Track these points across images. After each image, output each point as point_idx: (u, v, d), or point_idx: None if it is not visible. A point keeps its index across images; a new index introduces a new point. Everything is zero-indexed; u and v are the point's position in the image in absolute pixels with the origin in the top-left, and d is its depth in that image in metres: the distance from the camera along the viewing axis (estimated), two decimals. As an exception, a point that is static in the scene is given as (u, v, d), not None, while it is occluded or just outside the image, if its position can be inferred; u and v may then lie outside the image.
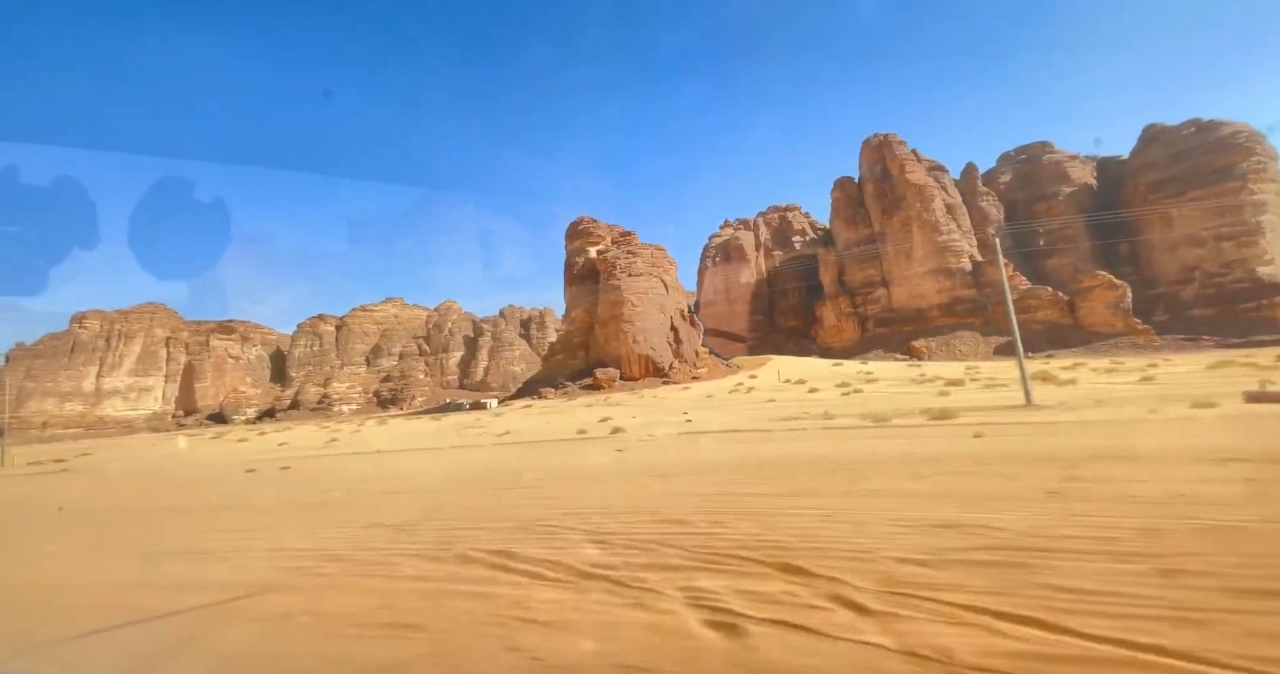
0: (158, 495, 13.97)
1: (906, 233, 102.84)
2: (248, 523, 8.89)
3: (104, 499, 14.24)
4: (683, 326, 76.96)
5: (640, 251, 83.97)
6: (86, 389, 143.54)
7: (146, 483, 16.46)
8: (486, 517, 7.70)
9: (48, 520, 11.25)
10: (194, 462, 23.60)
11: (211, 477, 17.16)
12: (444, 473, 13.67)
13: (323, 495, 11.45)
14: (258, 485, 14.11)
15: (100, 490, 16.00)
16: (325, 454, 21.62)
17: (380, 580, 5.02)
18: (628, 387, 68.20)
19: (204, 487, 14.76)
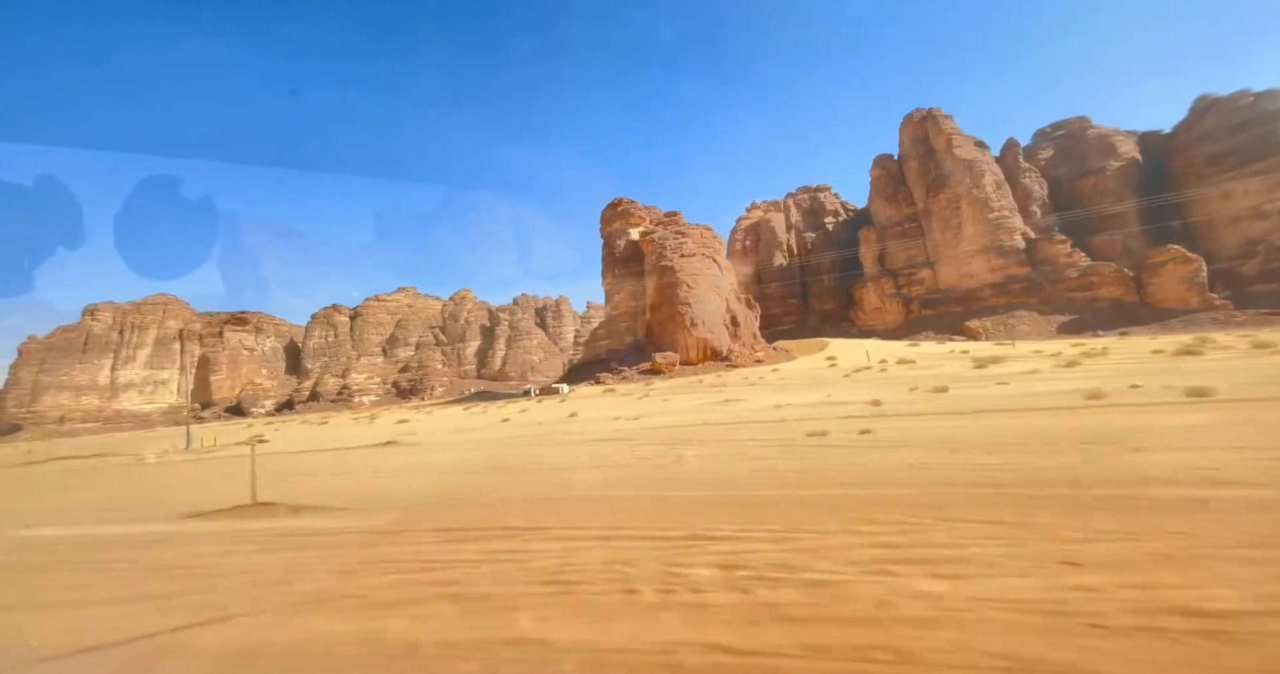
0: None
1: (954, 210, 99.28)
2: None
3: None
4: (739, 309, 73.71)
5: (689, 232, 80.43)
6: (101, 383, 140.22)
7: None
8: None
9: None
10: (482, 438, 19.98)
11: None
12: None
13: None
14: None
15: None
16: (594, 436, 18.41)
17: None
18: (690, 371, 65.17)
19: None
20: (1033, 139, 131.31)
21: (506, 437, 18.50)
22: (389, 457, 16.16)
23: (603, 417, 23.09)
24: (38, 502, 13.60)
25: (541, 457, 13.25)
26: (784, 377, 42.52)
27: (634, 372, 68.72)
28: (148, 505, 10.83)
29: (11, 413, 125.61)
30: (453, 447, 17.68)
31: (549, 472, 10.97)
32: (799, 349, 77.44)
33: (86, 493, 14.50)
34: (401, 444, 19.55)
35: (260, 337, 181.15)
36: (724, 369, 64.33)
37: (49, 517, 10.74)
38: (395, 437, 22.81)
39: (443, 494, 9.51)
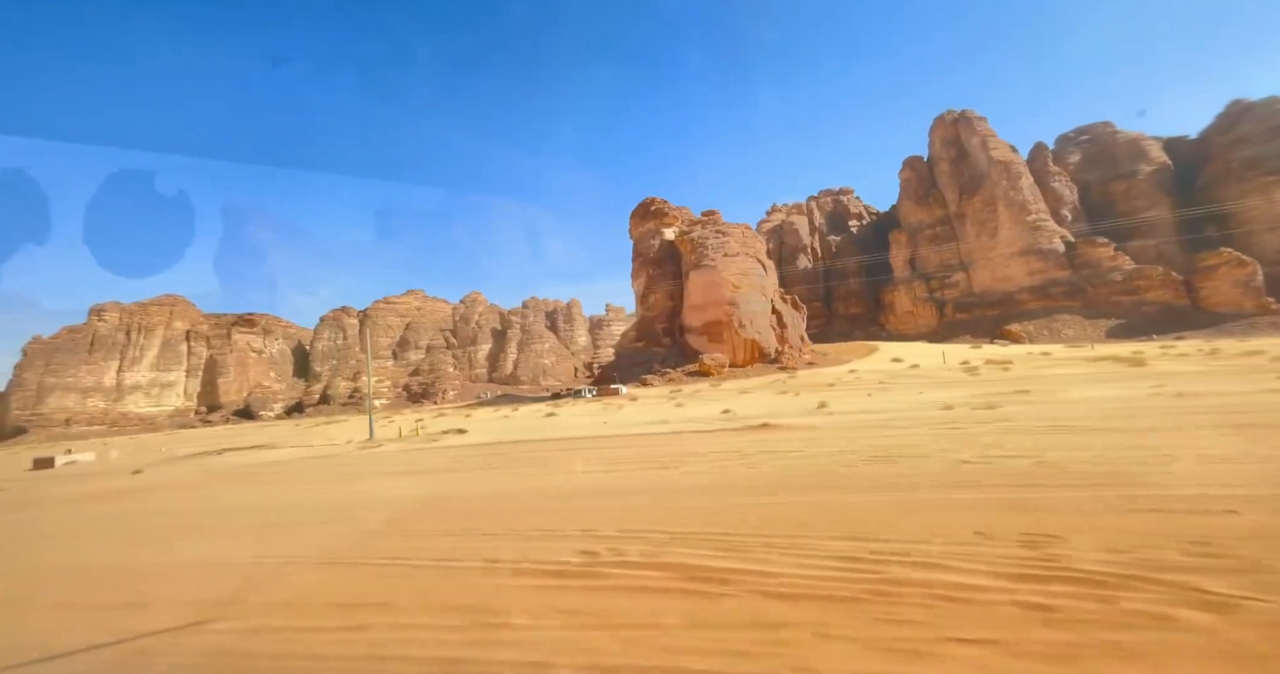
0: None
1: (990, 212, 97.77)
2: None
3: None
4: (785, 309, 71.59)
5: (730, 231, 78.44)
6: (107, 384, 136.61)
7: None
8: None
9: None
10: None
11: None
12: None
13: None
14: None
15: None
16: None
17: None
18: (739, 373, 62.87)
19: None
20: (1056, 144, 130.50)
21: (724, 430, 16.12)
22: (695, 443, 13.64)
23: (755, 413, 20.76)
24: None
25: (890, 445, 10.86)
26: (870, 376, 40.14)
27: (680, 373, 66.37)
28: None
29: (16, 415, 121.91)
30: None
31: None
32: (843, 352, 75.16)
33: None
34: (648, 434, 17.00)
35: (268, 338, 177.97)
36: (776, 371, 62.05)
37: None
38: (594, 429, 20.21)
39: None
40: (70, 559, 7.67)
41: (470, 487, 10.59)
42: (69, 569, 7.11)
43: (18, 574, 7.12)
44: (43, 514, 12.96)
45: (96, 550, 7.91)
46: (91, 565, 7.10)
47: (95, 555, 7.65)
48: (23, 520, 12.33)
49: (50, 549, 8.63)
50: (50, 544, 9.07)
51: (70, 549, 8.39)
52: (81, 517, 11.63)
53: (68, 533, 9.98)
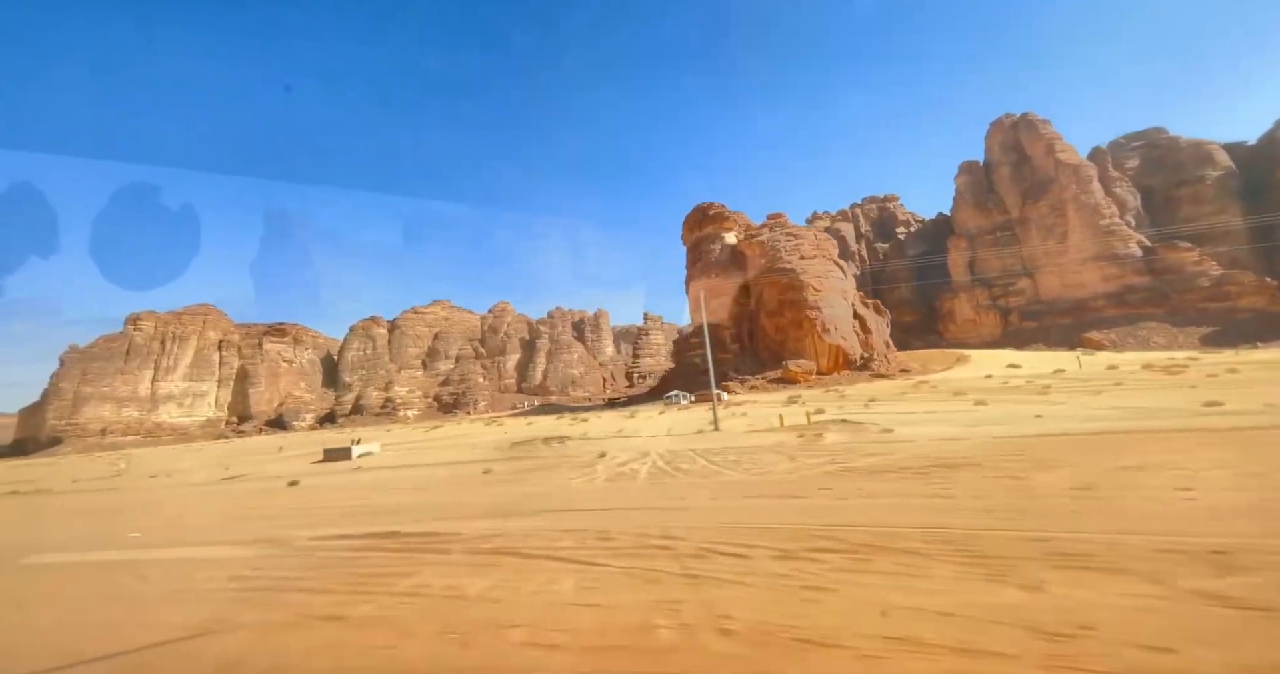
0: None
1: (1058, 217, 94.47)
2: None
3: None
4: (868, 314, 68.33)
5: (802, 233, 75.67)
6: (142, 394, 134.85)
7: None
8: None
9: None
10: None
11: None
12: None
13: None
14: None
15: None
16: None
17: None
18: (829, 380, 59.46)
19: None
20: (1109, 149, 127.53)
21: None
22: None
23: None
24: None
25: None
26: (1014, 380, 36.64)
27: (762, 381, 63.08)
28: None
29: (52, 425, 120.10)
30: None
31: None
32: (928, 360, 71.40)
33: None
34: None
35: (298, 348, 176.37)
36: (868, 378, 58.64)
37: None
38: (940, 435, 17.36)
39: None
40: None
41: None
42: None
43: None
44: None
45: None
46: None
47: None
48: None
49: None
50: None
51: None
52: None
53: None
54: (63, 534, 10.78)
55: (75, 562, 7.87)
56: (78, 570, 7.32)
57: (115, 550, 8.39)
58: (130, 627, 4.84)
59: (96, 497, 17.21)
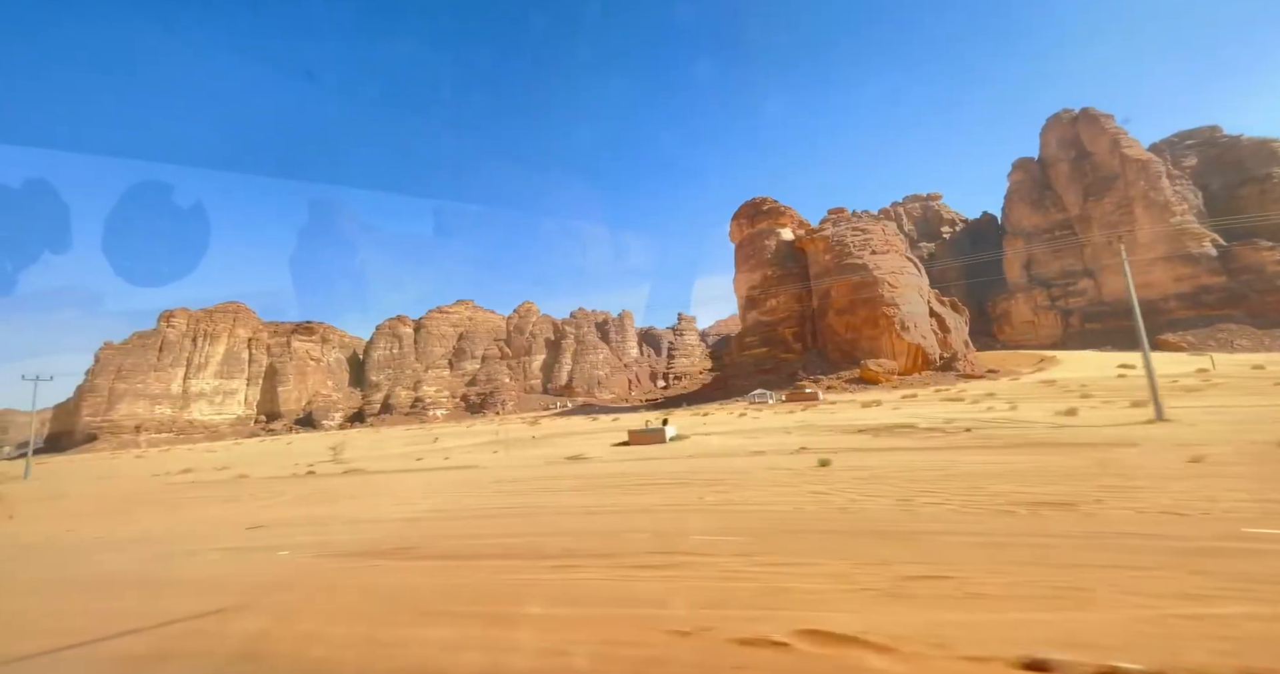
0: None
1: (1124, 214, 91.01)
2: None
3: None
4: (945, 312, 65.39)
5: (870, 228, 72.91)
6: (174, 391, 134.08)
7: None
8: None
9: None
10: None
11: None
12: None
13: None
14: None
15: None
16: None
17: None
18: (913, 381, 56.57)
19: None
20: (1162, 147, 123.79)
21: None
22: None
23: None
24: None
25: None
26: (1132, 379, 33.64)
27: (837, 380, 60.28)
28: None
29: (86, 421, 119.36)
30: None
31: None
32: (1007, 362, 68.15)
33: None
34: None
35: (326, 347, 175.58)
36: (955, 379, 55.69)
37: None
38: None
39: None
40: None
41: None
42: None
43: None
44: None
45: None
46: None
47: None
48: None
49: None
50: None
51: None
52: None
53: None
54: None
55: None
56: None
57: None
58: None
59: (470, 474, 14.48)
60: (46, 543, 8.33)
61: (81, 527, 9.36)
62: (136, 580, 5.76)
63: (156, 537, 8.06)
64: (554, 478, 12.38)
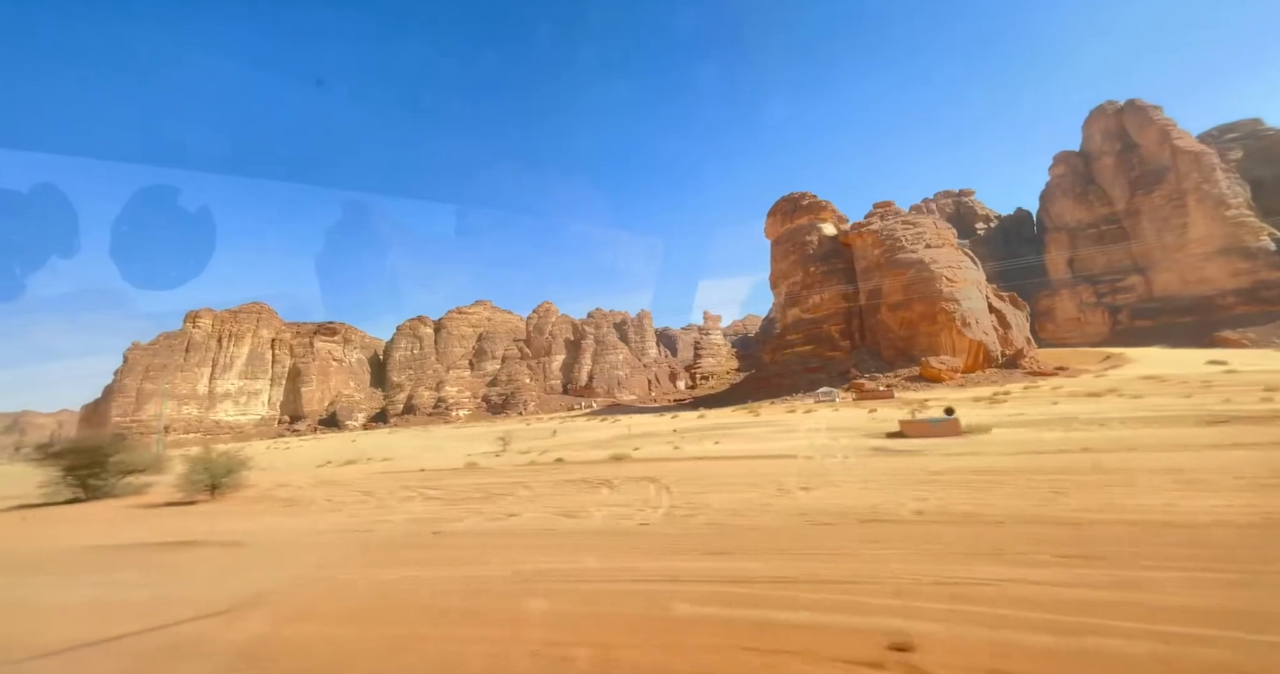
0: None
1: (1176, 208, 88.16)
2: None
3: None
4: (1004, 308, 63.13)
5: (920, 221, 70.80)
6: (201, 392, 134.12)
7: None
8: None
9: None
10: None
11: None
12: None
13: None
14: None
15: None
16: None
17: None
18: (978, 379, 54.43)
19: None
20: (1202, 141, 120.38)
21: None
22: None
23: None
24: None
25: None
26: (1250, 376, 31.37)
27: (896, 379, 58.21)
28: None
29: (115, 422, 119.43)
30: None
31: None
32: (1071, 359, 65.45)
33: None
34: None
35: (348, 348, 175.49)
36: (1023, 376, 53.48)
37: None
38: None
39: None
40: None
41: None
42: None
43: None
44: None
45: None
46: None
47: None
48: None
49: None
50: None
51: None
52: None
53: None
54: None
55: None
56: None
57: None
58: None
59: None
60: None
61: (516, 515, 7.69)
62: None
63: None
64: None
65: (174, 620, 3.73)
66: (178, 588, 4.72)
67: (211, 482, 10.78)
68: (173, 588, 4.72)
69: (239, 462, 11.33)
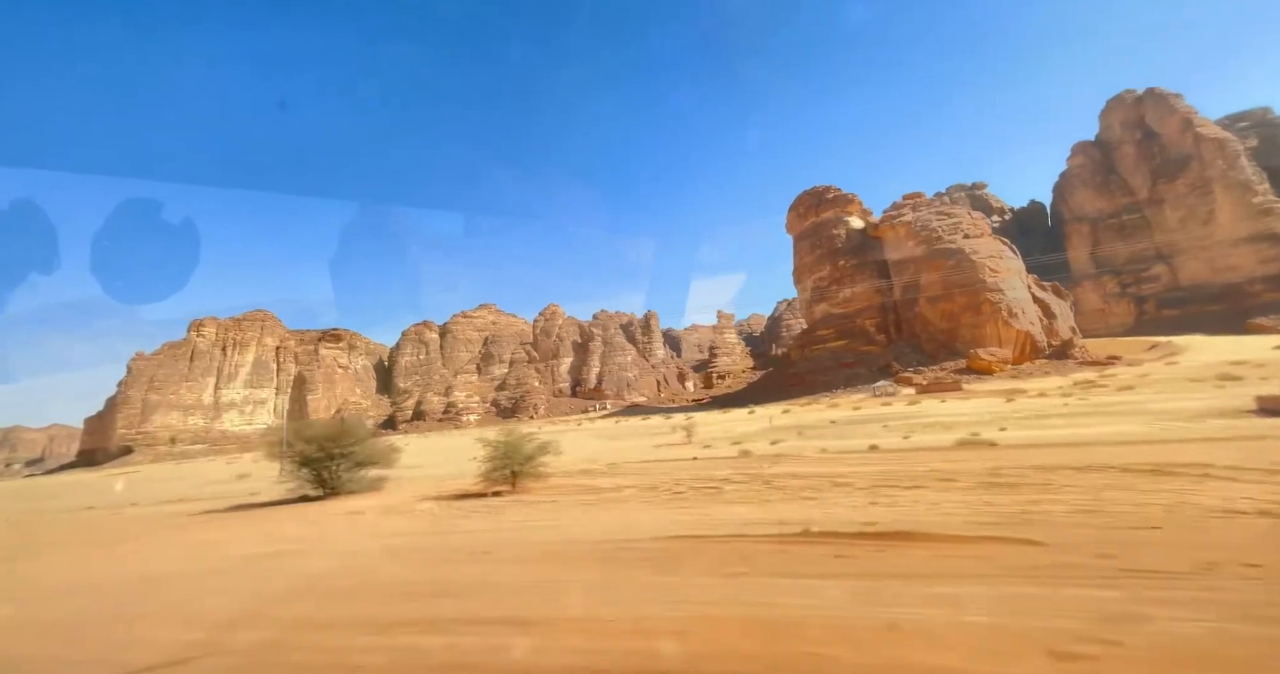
0: None
1: (1201, 196, 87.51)
2: None
3: None
4: (1048, 298, 61.90)
5: (955, 211, 69.62)
6: (206, 402, 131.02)
7: None
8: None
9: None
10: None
11: None
12: None
13: None
14: None
15: None
16: None
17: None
18: (1030, 370, 53.05)
19: None
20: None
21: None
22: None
23: None
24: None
25: None
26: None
27: (942, 371, 56.78)
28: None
29: (121, 434, 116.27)
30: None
31: None
32: (1115, 349, 64.22)
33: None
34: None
35: (353, 354, 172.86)
36: (1075, 367, 52.17)
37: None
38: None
39: None
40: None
41: None
42: None
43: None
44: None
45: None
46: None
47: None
48: None
49: None
50: None
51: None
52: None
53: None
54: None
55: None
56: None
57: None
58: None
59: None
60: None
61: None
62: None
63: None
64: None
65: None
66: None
67: (513, 468, 9.26)
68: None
69: (541, 447, 9.74)
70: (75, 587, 5.72)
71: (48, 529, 12.15)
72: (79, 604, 4.97)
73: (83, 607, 4.86)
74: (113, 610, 4.64)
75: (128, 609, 4.60)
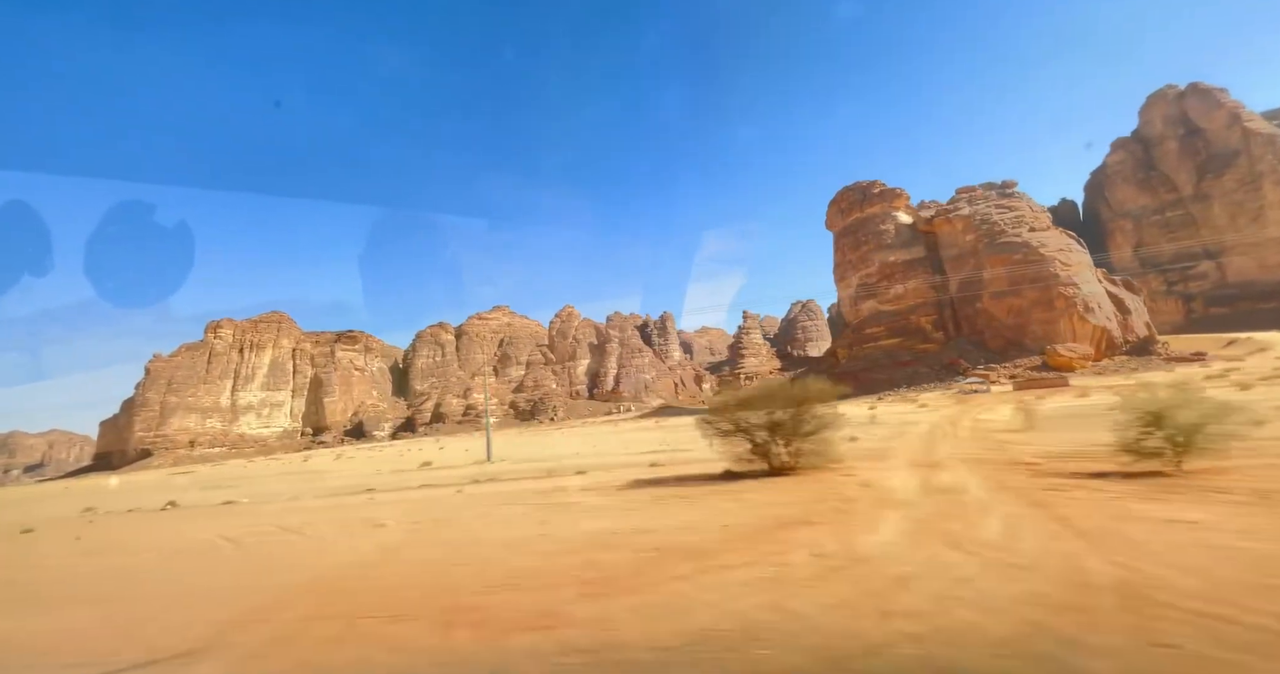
0: None
1: (1250, 192, 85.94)
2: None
3: None
4: (1120, 292, 59.98)
5: (1016, 204, 67.88)
6: (224, 404, 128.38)
7: None
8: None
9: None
10: None
11: None
12: None
13: None
14: None
15: None
16: None
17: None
18: (1113, 367, 51.05)
19: None
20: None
21: None
22: None
23: None
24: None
25: None
26: None
27: (1018, 369, 54.78)
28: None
29: (139, 437, 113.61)
30: None
31: None
32: (1193, 345, 62.13)
33: None
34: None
35: (369, 356, 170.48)
36: (1161, 364, 50.20)
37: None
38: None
39: None
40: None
41: None
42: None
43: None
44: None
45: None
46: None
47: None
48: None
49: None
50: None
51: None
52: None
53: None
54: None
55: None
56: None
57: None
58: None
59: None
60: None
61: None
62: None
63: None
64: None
65: None
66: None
67: (1179, 443, 5.99)
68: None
69: (1223, 410, 6.12)
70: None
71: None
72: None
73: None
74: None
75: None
